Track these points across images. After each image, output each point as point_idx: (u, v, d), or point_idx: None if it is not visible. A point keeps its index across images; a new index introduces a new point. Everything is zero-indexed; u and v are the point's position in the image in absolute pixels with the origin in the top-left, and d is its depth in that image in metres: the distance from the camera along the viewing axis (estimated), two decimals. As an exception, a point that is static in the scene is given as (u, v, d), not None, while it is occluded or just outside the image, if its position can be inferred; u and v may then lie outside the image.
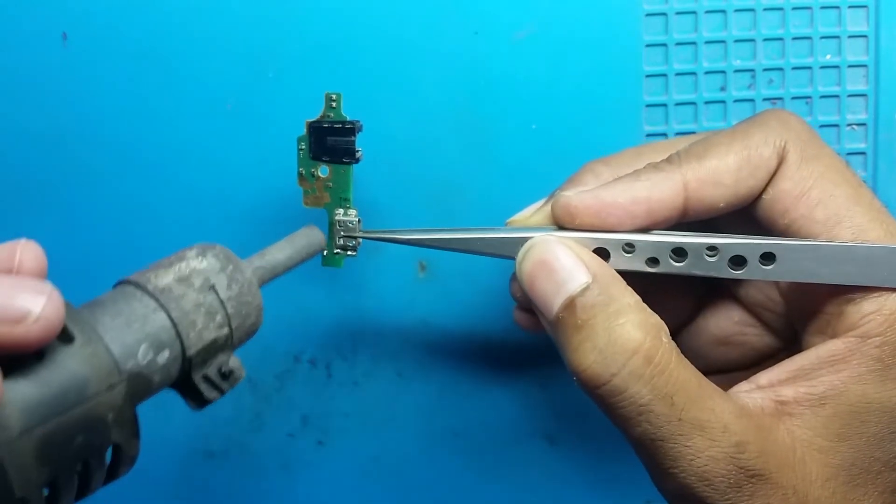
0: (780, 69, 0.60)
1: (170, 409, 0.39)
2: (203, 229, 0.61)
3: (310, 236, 0.49)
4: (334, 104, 0.50)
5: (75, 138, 0.61)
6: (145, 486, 0.63)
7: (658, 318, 0.45)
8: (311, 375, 0.63)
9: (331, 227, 0.52)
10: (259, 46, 0.60)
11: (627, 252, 0.47)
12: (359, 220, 0.52)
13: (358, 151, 0.51)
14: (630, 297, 0.45)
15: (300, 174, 0.52)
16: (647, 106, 0.60)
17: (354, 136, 0.50)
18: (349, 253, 0.53)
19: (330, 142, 0.51)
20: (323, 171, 0.52)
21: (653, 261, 0.47)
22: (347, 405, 0.64)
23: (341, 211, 0.52)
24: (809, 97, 0.60)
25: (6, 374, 0.33)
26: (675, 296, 0.55)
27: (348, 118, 0.50)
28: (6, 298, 0.32)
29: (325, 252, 0.53)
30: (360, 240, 0.52)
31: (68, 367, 0.35)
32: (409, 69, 0.60)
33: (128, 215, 0.61)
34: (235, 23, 0.60)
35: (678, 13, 0.59)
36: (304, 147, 0.52)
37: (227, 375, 0.42)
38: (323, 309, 0.63)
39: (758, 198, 0.47)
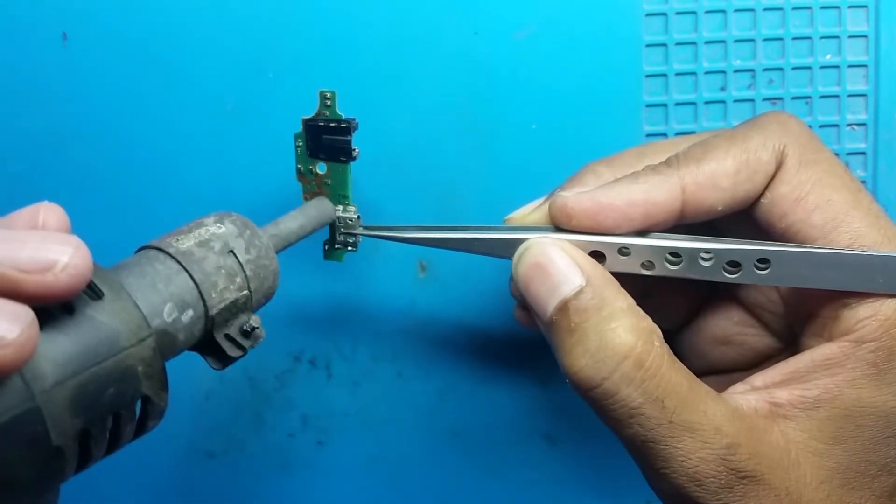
0: (780, 69, 0.60)
1: (170, 408, 0.39)
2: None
3: (320, 207, 0.51)
4: (329, 102, 0.50)
5: (75, 138, 0.61)
6: (145, 486, 0.64)
7: (651, 321, 0.45)
8: (311, 375, 0.63)
9: (331, 223, 0.53)
10: (259, 46, 0.60)
11: (623, 255, 0.47)
12: (358, 217, 0.52)
13: (354, 150, 0.51)
14: (623, 301, 0.45)
15: (298, 171, 0.53)
16: (647, 106, 0.60)
17: (350, 134, 0.51)
18: (349, 248, 0.53)
19: (326, 140, 0.51)
20: (321, 167, 0.52)
21: (648, 264, 0.47)
22: (347, 405, 0.64)
23: (340, 207, 0.52)
24: (809, 97, 0.60)
25: (41, 329, 0.33)
26: (676, 295, 0.55)
27: (343, 116, 0.50)
28: (34, 250, 0.33)
29: (325, 247, 0.54)
30: (360, 236, 0.53)
31: (99, 320, 0.36)
32: (410, 69, 0.60)
33: (128, 215, 0.62)
34: (235, 23, 0.60)
35: (678, 13, 0.59)
36: (301, 144, 0.52)
37: (248, 334, 0.43)
38: (323, 309, 0.63)
39: (756, 201, 0.47)
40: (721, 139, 0.47)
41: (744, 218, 0.48)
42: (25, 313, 0.32)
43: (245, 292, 0.43)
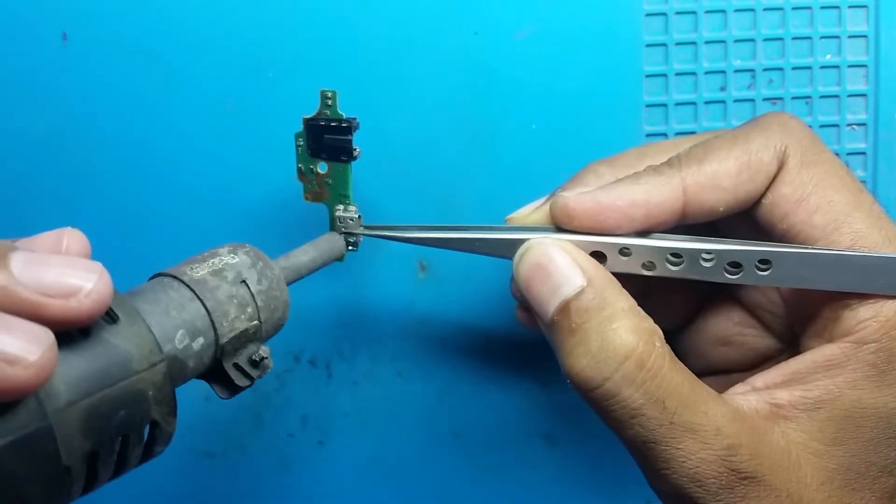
0: (780, 69, 0.60)
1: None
2: (204, 228, 0.62)
3: (331, 241, 0.52)
4: (330, 101, 0.50)
5: (75, 138, 0.61)
6: (145, 486, 0.64)
7: (652, 322, 0.45)
8: (311, 375, 0.63)
9: (332, 222, 0.53)
10: (259, 46, 0.60)
11: (624, 255, 0.47)
12: (359, 217, 0.52)
13: (355, 150, 0.51)
14: (624, 302, 0.45)
15: (299, 170, 0.52)
16: (647, 106, 0.60)
17: (351, 134, 0.50)
18: (350, 248, 0.53)
19: (327, 140, 0.51)
20: (322, 167, 0.52)
21: (649, 264, 0.47)
22: (347, 405, 0.64)
23: (341, 207, 0.52)
24: (809, 97, 0.60)
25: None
26: (677, 296, 0.55)
27: (344, 116, 0.50)
28: (60, 275, 0.34)
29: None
30: (361, 236, 0.53)
31: (114, 344, 0.36)
32: (410, 69, 0.60)
33: (128, 215, 0.62)
34: (235, 23, 0.60)
35: (678, 13, 0.59)
36: (301, 143, 0.52)
37: (256, 364, 0.44)
38: (323, 309, 0.63)
39: (757, 202, 0.47)
40: (722, 140, 0.47)
41: (745, 219, 0.48)
42: (46, 336, 0.32)
43: (255, 322, 0.43)
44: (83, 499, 0.37)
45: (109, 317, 0.37)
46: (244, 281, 0.43)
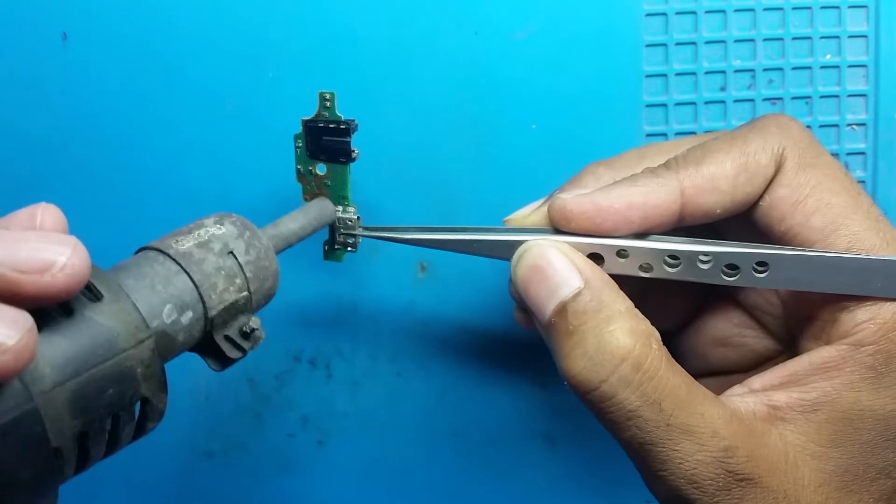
0: (780, 69, 0.60)
1: (170, 408, 0.39)
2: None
3: (321, 207, 0.51)
4: (328, 103, 0.50)
5: (75, 138, 0.61)
6: (145, 486, 0.64)
7: (649, 324, 0.45)
8: (311, 375, 0.64)
9: (331, 224, 0.53)
10: (259, 46, 0.60)
11: (621, 257, 0.47)
12: (358, 218, 0.52)
13: (354, 151, 0.51)
14: (622, 304, 0.45)
15: (298, 171, 0.53)
16: (647, 106, 0.60)
17: (350, 136, 0.51)
18: (349, 249, 0.53)
19: (326, 141, 0.51)
20: (321, 168, 0.52)
21: (647, 266, 0.47)
22: (347, 405, 0.64)
23: (340, 208, 0.52)
24: (809, 97, 0.60)
25: (39, 331, 0.33)
26: (675, 296, 0.55)
27: (343, 117, 0.50)
28: (32, 250, 0.33)
29: (325, 248, 0.54)
30: (360, 237, 0.53)
31: (98, 322, 0.36)
32: (410, 69, 0.60)
33: (128, 215, 0.62)
34: (235, 23, 0.60)
35: (678, 13, 0.59)
36: (300, 145, 0.52)
37: (247, 335, 0.43)
38: (323, 309, 0.63)
39: (755, 204, 0.47)
40: (720, 142, 0.47)
41: (743, 221, 0.48)
42: (24, 319, 0.32)
43: (245, 293, 0.43)
44: (85, 496, 0.37)
45: (94, 294, 0.37)
46: (231, 252, 0.43)
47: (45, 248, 0.33)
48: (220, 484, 0.65)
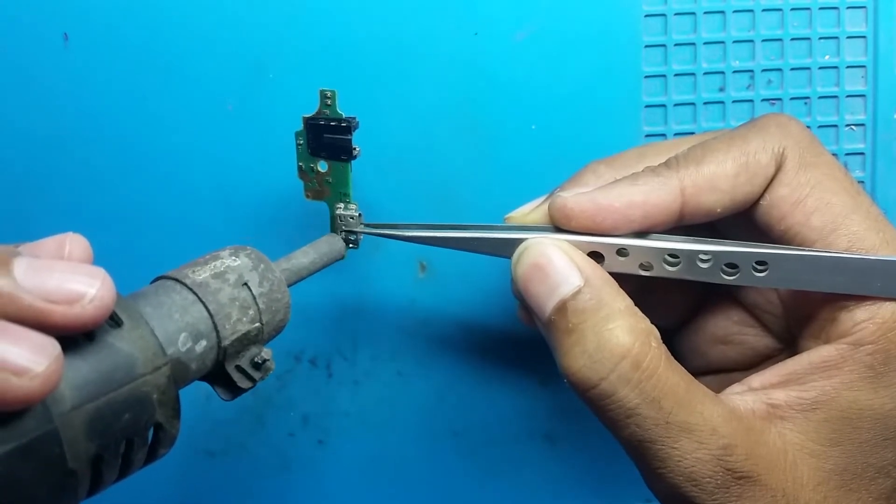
0: (779, 70, 0.60)
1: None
2: (206, 228, 0.62)
3: (331, 243, 0.52)
4: (329, 101, 0.51)
5: (76, 139, 0.61)
6: (145, 486, 0.64)
7: (648, 322, 0.45)
8: (312, 375, 0.64)
9: (332, 220, 0.53)
10: (259, 47, 0.60)
11: (622, 256, 0.47)
12: (359, 215, 0.53)
13: (355, 149, 0.51)
14: (621, 302, 0.45)
15: (300, 168, 0.53)
16: (647, 106, 0.60)
17: (351, 133, 0.51)
18: (350, 246, 0.53)
19: (327, 139, 0.51)
20: (322, 165, 0.52)
21: (647, 265, 0.47)
22: (347, 405, 0.64)
23: (342, 205, 0.53)
24: (808, 98, 0.60)
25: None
26: (676, 294, 0.55)
27: (344, 115, 0.51)
28: (63, 281, 0.34)
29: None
30: (361, 234, 0.53)
31: (118, 347, 0.36)
32: (410, 70, 0.60)
33: (129, 215, 0.62)
34: (235, 23, 0.60)
35: (677, 14, 0.59)
36: (302, 142, 0.52)
37: (258, 366, 0.44)
38: (323, 309, 0.63)
39: (755, 203, 0.47)
40: (721, 141, 0.47)
41: (743, 220, 0.48)
42: (53, 347, 0.33)
43: (257, 324, 0.44)
44: (87, 499, 0.37)
45: (113, 321, 0.37)
46: (246, 283, 0.43)
47: (76, 279, 0.34)
48: (221, 483, 0.65)
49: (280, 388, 0.64)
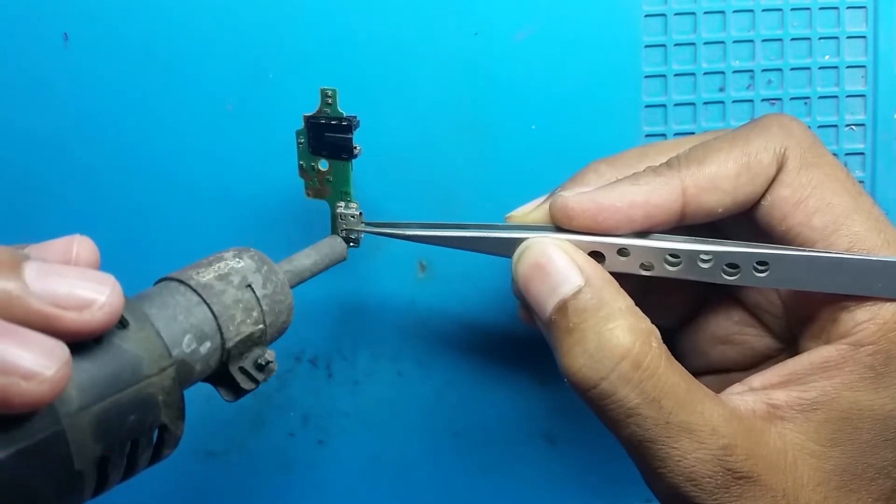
0: (779, 70, 0.60)
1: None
2: (207, 228, 0.62)
3: (333, 245, 0.52)
4: (330, 100, 0.51)
5: (76, 139, 0.61)
6: (145, 486, 0.63)
7: (649, 322, 0.45)
8: (312, 375, 0.64)
9: (333, 219, 0.53)
10: (259, 47, 0.60)
11: (622, 256, 0.47)
12: (360, 213, 0.53)
13: (356, 148, 0.51)
14: (622, 302, 0.45)
15: (301, 167, 0.53)
16: (647, 106, 0.60)
17: (352, 132, 0.51)
18: (351, 245, 0.53)
19: (328, 137, 0.51)
20: (323, 164, 0.52)
21: (648, 265, 0.47)
22: (348, 405, 0.64)
23: (342, 204, 0.53)
24: (808, 98, 0.60)
25: None
26: (676, 294, 0.55)
27: (344, 114, 0.51)
28: (73, 287, 0.34)
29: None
30: (362, 232, 0.53)
31: (124, 349, 0.36)
32: (410, 70, 0.60)
33: (130, 215, 0.62)
34: (235, 23, 0.60)
35: (677, 14, 0.59)
36: (302, 141, 0.52)
37: (262, 367, 0.44)
38: (323, 309, 0.63)
39: (757, 203, 0.47)
40: (722, 141, 0.47)
41: (745, 220, 0.48)
42: (62, 352, 0.32)
43: (261, 326, 0.44)
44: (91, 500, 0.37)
45: (120, 322, 0.37)
46: (249, 285, 0.43)
47: (87, 286, 0.34)
48: (221, 484, 0.65)
49: (280, 388, 0.64)
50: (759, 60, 0.60)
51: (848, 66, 0.60)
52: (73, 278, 0.34)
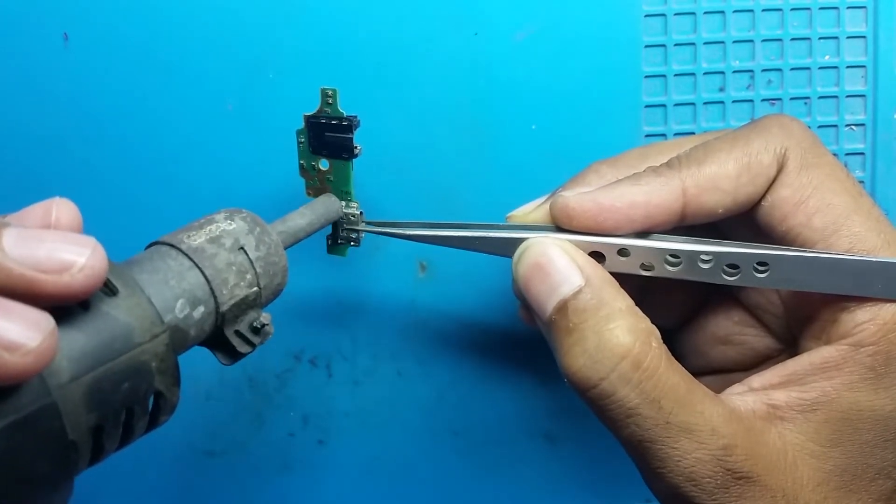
0: (779, 70, 0.60)
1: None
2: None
3: (327, 203, 0.51)
4: (330, 100, 0.51)
5: (76, 138, 0.61)
6: (145, 486, 0.64)
7: (649, 322, 0.45)
8: (312, 375, 0.64)
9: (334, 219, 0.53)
10: (259, 46, 0.60)
11: (623, 256, 0.47)
12: (361, 213, 0.53)
13: (356, 147, 0.51)
14: (622, 302, 0.45)
15: (301, 166, 0.53)
16: (647, 106, 0.60)
17: (352, 132, 0.51)
18: (352, 244, 0.53)
19: (328, 137, 0.51)
20: (323, 163, 0.52)
21: (648, 265, 0.47)
22: (347, 405, 0.64)
23: (343, 203, 0.52)
24: (808, 98, 0.60)
25: (57, 324, 0.33)
26: (676, 294, 0.55)
27: (345, 114, 0.51)
28: (52, 250, 0.33)
29: (329, 242, 0.54)
30: (363, 232, 0.53)
31: (114, 316, 0.36)
32: (410, 70, 0.60)
33: (130, 215, 0.62)
34: (235, 23, 0.60)
35: (677, 14, 0.59)
36: (303, 140, 0.52)
37: (257, 330, 0.44)
38: (324, 309, 0.63)
39: (757, 204, 0.47)
40: (723, 142, 0.47)
41: (745, 220, 0.48)
42: (46, 321, 0.32)
43: (255, 289, 0.43)
44: (85, 496, 0.37)
45: (109, 289, 0.37)
46: (242, 247, 0.43)
47: (65, 248, 0.34)
48: (221, 484, 0.65)
49: (280, 387, 0.64)
50: (759, 60, 0.60)
51: (848, 66, 0.60)
52: (51, 241, 0.34)
